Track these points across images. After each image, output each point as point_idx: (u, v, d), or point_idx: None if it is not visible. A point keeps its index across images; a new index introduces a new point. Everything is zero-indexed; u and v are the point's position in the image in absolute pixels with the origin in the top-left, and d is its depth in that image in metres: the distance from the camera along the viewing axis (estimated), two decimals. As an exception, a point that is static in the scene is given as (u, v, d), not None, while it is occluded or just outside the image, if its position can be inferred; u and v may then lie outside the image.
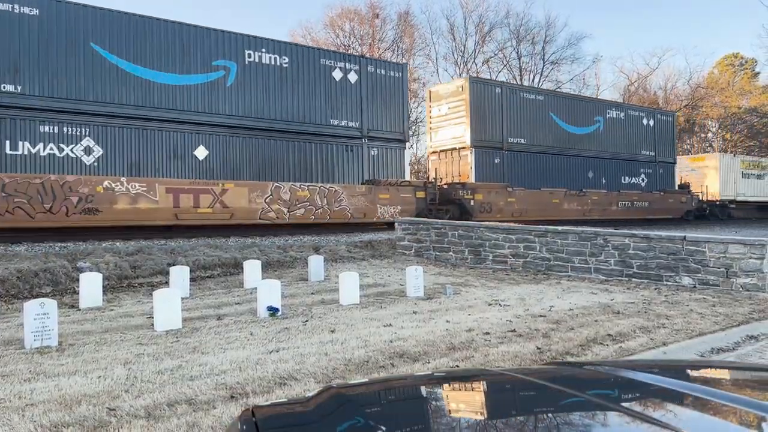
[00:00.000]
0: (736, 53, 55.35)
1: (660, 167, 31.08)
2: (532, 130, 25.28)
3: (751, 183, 36.77)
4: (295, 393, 4.56)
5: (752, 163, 37.91)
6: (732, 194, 35.34)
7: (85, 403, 4.31)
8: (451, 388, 1.88)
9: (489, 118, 23.99)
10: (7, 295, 9.44)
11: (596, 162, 27.71)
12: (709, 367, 2.46)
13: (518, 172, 24.63)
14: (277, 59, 18.40)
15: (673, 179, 31.80)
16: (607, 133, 28.40)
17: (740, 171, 36.26)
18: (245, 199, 16.73)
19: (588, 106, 28.32)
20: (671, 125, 32.54)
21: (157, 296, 7.00)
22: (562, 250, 12.68)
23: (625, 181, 29.18)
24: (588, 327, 7.12)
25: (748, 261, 10.27)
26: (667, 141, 31.89)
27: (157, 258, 11.89)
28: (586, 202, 25.98)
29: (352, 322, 7.36)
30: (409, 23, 42.53)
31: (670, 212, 29.77)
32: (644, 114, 30.90)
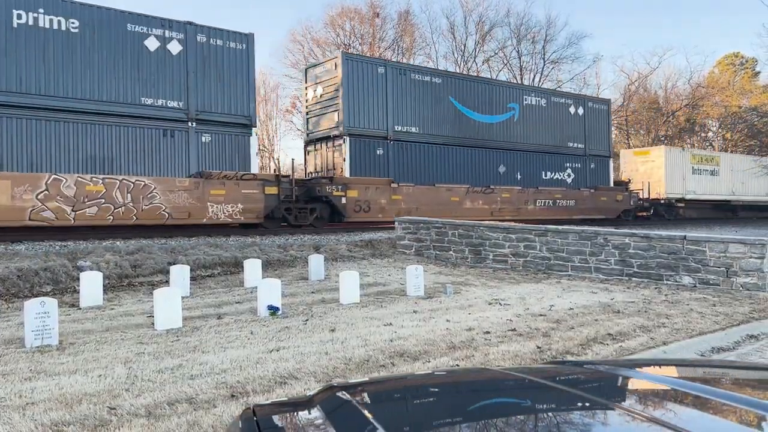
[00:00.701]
0: (737, 53, 55.35)
1: (592, 161, 27.26)
2: (428, 117, 21.73)
3: (703, 179, 32.97)
4: (296, 392, 4.57)
5: (704, 157, 34.17)
6: (680, 192, 31.55)
7: (86, 402, 4.32)
8: (451, 387, 1.88)
9: (370, 103, 20.44)
10: (8, 293, 9.45)
11: (509, 155, 24.11)
12: (709, 367, 2.46)
13: (409, 165, 21.09)
14: (61, 22, 14.82)
15: (608, 175, 27.98)
16: (523, 122, 24.67)
17: (690, 166, 32.53)
18: (6, 195, 13.53)
19: (499, 92, 24.44)
20: (605, 114, 28.46)
21: (158, 295, 7.00)
22: (563, 249, 12.68)
23: (547, 176, 25.40)
24: (588, 326, 7.12)
25: (748, 260, 10.27)
26: (600, 132, 27.88)
27: (157, 257, 11.89)
28: (494, 200, 22.72)
29: (353, 321, 7.37)
30: (410, 22, 42.53)
31: (602, 212, 26.40)
32: (571, 101, 26.99)
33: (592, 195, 26.57)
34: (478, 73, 43.49)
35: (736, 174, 34.71)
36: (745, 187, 35.34)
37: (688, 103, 48.65)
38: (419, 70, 22.67)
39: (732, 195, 34.68)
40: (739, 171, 34.94)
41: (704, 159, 33.83)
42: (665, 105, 49.47)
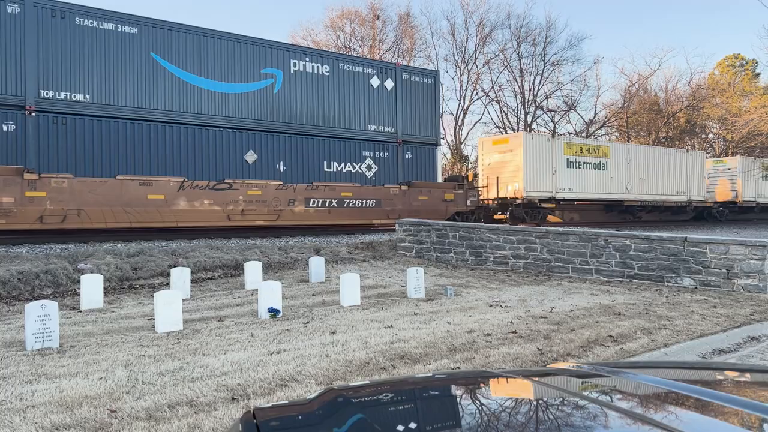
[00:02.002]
0: (737, 54, 55.37)
1: (407, 150, 20.83)
2: (109, 81, 15.37)
3: (584, 175, 26.42)
4: (296, 395, 4.57)
5: (585, 147, 27.16)
6: (549, 189, 25.01)
7: (87, 404, 4.32)
8: (452, 390, 1.88)
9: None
10: (9, 296, 9.45)
11: (265, 138, 17.70)
12: (710, 369, 2.46)
13: (72, 149, 14.67)
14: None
15: (434, 167, 21.81)
16: (289, 94, 18.28)
17: (564, 158, 25.70)
18: None
19: (246, 51, 17.63)
20: (431, 89, 21.77)
21: (158, 298, 7.00)
22: (563, 251, 12.68)
23: (331, 168, 19.03)
24: (589, 328, 7.12)
25: (749, 262, 10.27)
26: (423, 112, 21.35)
27: (158, 259, 11.89)
28: (233, 198, 16.55)
29: (353, 323, 7.36)
30: (410, 24, 42.55)
31: (421, 214, 19.81)
32: (374, 71, 20.40)
33: (404, 193, 20.16)
34: (478, 75, 43.51)
35: (634, 168, 28.62)
36: (647, 185, 29.32)
37: (689, 104, 48.65)
38: (94, 14, 15.31)
39: (627, 194, 28.30)
40: (641, 164, 28.98)
41: (585, 149, 27.01)
42: (666, 106, 49.46)
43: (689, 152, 33.10)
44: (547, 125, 46.02)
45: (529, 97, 44.97)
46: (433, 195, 21.06)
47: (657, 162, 29.97)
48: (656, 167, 29.81)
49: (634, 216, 29.70)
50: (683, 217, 32.12)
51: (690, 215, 32.37)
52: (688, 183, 31.52)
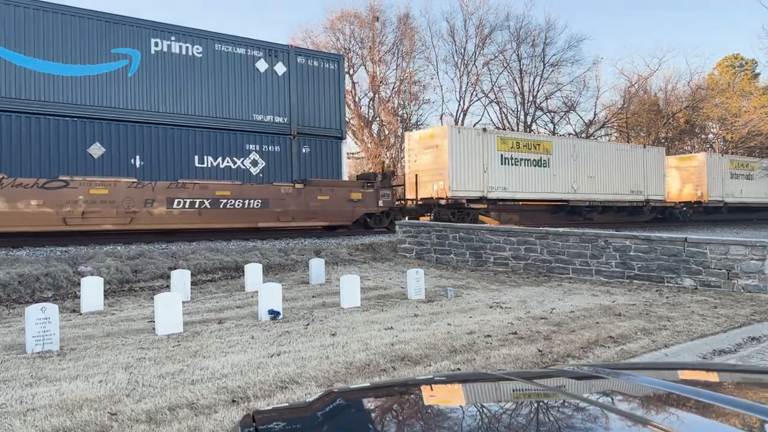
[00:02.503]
0: (737, 54, 55.37)
1: (305, 144, 18.33)
2: None
3: (521, 172, 23.94)
4: (297, 397, 4.56)
5: (522, 142, 24.25)
6: (479, 189, 22.58)
7: (87, 407, 4.31)
8: (452, 392, 1.88)
9: None
10: (9, 299, 9.44)
11: (117, 129, 15.16)
12: (710, 370, 2.45)
13: None
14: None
15: (339, 164, 19.43)
16: (149, 79, 15.77)
17: (497, 154, 23.20)
18: None
19: (91, 28, 14.99)
20: (334, 76, 19.42)
21: (159, 300, 7.00)
22: (563, 252, 12.68)
23: (205, 163, 16.44)
24: (589, 329, 7.11)
25: (749, 262, 10.26)
26: (325, 102, 19.02)
27: (158, 262, 11.89)
28: (71, 199, 14.01)
29: (354, 325, 7.36)
30: (409, 26, 42.51)
31: (319, 216, 17.89)
32: (261, 53, 17.91)
33: (299, 192, 17.49)
34: (477, 76, 43.52)
35: (582, 165, 26.16)
36: (597, 183, 26.77)
37: (688, 104, 48.66)
38: None
39: (573, 193, 25.68)
40: (590, 161, 26.61)
41: (523, 145, 24.34)
42: (665, 107, 49.46)
43: (646, 148, 30.74)
44: (547, 126, 46.06)
45: (529, 98, 44.98)
46: (336, 194, 18.40)
47: (609, 159, 27.60)
48: (609, 164, 27.41)
49: (584, 217, 26.76)
50: (641, 218, 29.67)
51: (649, 216, 30.03)
52: (645, 181, 29.14)
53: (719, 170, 33.07)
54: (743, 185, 34.57)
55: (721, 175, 33.09)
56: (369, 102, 42.31)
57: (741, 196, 34.32)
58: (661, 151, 31.87)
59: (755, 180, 34.96)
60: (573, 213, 26.51)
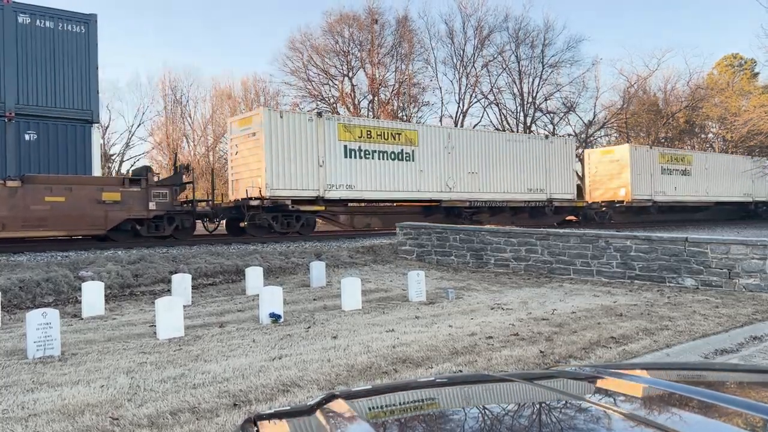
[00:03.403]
0: (736, 54, 55.38)
1: (30, 129, 14.81)
2: None
3: (374, 167, 19.75)
4: (298, 400, 4.56)
5: (379, 130, 20.05)
6: (314, 187, 18.35)
7: (88, 412, 4.31)
8: (454, 394, 1.87)
9: None
10: (10, 305, 9.44)
11: None
12: (712, 370, 2.45)
13: None
14: None
15: (88, 155, 15.87)
16: None
17: (339, 144, 19.02)
18: None
19: None
20: (82, 41, 15.99)
21: (159, 304, 7.00)
22: (564, 252, 12.67)
23: None
24: (591, 330, 7.10)
25: (750, 261, 10.25)
26: (64, 75, 15.58)
27: (158, 266, 11.88)
28: None
29: (355, 327, 7.35)
30: (408, 28, 42.54)
31: (48, 223, 13.76)
32: None
33: (11, 193, 13.31)
34: (477, 78, 43.51)
35: (459, 159, 22.06)
36: (482, 180, 22.74)
37: (688, 104, 48.65)
38: None
39: (448, 192, 21.70)
40: (472, 154, 22.51)
41: (377, 134, 19.92)
42: (665, 107, 49.45)
43: (549, 138, 26.37)
44: (547, 127, 46.06)
45: (528, 99, 44.99)
46: (78, 195, 13.99)
47: (499, 151, 23.31)
48: (497, 158, 23.18)
49: (469, 221, 22.04)
50: (546, 220, 24.83)
51: (553, 218, 25.46)
52: (549, 178, 24.82)
53: (647, 165, 28.68)
54: (678, 182, 30.29)
55: (650, 170, 28.66)
56: (369, 104, 42.36)
57: (675, 194, 30.02)
58: (570, 142, 27.82)
59: (693, 176, 31.08)
60: (453, 216, 22.07)
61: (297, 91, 42.54)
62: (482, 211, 23.13)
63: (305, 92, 42.26)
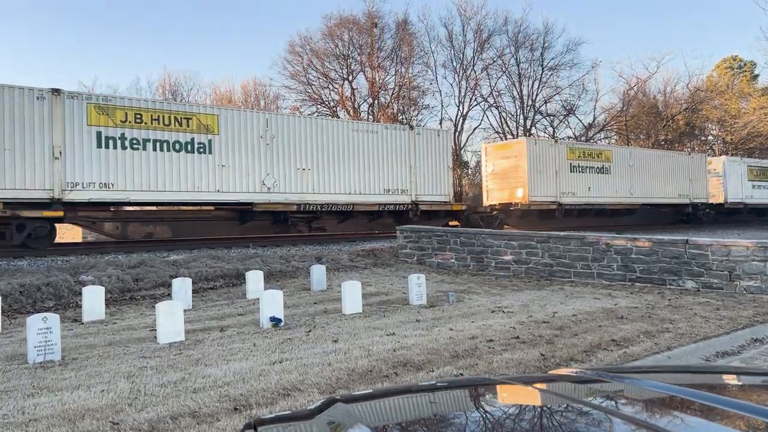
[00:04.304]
0: (735, 56, 55.45)
1: None
2: None
3: (154, 162, 15.80)
4: (299, 404, 4.55)
5: (155, 113, 15.95)
6: (45, 187, 14.28)
7: (89, 417, 4.30)
8: (455, 397, 1.87)
9: None
10: (10, 309, 9.43)
11: None
12: (714, 372, 2.45)
13: None
14: None
15: None
16: None
17: (91, 132, 14.96)
18: None
19: None
20: None
21: (160, 308, 6.99)
22: (565, 255, 12.66)
23: None
24: (592, 333, 7.09)
25: (751, 263, 10.25)
26: None
27: (159, 270, 11.88)
28: None
29: (355, 331, 7.35)
30: (407, 32, 42.59)
31: None
32: None
33: None
34: (476, 81, 43.55)
35: (282, 150, 17.97)
36: (316, 179, 18.58)
37: (688, 107, 48.70)
38: None
39: (264, 193, 17.57)
40: (300, 145, 18.35)
41: (151, 118, 15.84)
42: (664, 109, 49.49)
43: (416, 130, 21.43)
44: (547, 130, 46.09)
45: (528, 102, 45.04)
46: None
47: (343, 143, 19.28)
48: (342, 151, 19.20)
49: (308, 227, 19.34)
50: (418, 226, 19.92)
51: (431, 224, 20.62)
52: (414, 176, 20.71)
53: (551, 161, 24.62)
54: (594, 181, 26.11)
55: (555, 167, 24.64)
56: (369, 108, 42.39)
57: (589, 196, 25.80)
58: (444, 135, 22.76)
59: (613, 174, 26.90)
60: (280, 222, 18.63)
61: (297, 95, 42.61)
62: (322, 216, 19.35)
63: (305, 96, 42.33)
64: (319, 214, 19.12)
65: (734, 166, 33.71)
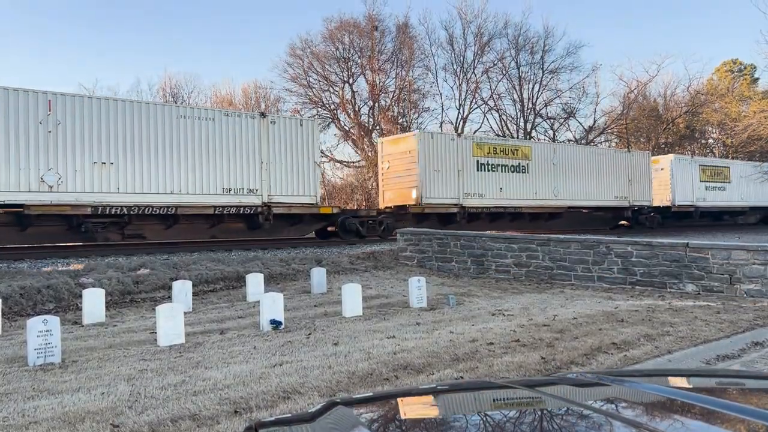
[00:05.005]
0: (735, 59, 55.50)
1: None
2: None
3: None
4: (299, 407, 4.55)
5: None
6: None
7: (89, 420, 4.30)
8: (455, 401, 1.87)
9: None
10: (11, 312, 9.43)
11: None
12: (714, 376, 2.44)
13: None
14: None
15: None
16: None
17: None
18: None
19: None
20: None
21: (160, 311, 6.99)
22: (565, 258, 12.65)
23: None
24: (592, 336, 7.09)
25: (751, 267, 10.24)
26: None
27: (159, 273, 11.88)
28: None
29: (356, 334, 7.34)
30: (408, 35, 42.61)
31: None
32: None
33: None
34: (477, 84, 43.59)
35: (57, 146, 14.42)
36: (116, 175, 15.19)
37: (688, 110, 48.73)
38: None
39: (44, 191, 14.22)
40: (94, 136, 14.94)
41: None
42: (665, 112, 49.53)
43: (270, 118, 18.01)
44: (547, 133, 46.10)
45: (529, 105, 45.05)
46: None
47: (165, 133, 15.94)
48: (162, 142, 15.89)
49: (121, 235, 15.90)
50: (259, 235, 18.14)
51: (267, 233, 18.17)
52: (268, 173, 17.43)
53: (452, 158, 21.49)
54: (507, 181, 23.07)
55: (458, 165, 21.58)
56: (369, 110, 42.41)
57: (500, 198, 22.79)
58: (309, 125, 18.86)
59: (532, 174, 23.80)
60: (74, 228, 15.05)
61: (297, 98, 42.61)
62: (132, 221, 15.82)
63: (306, 99, 42.35)
64: (127, 219, 15.58)
65: (684, 166, 30.74)
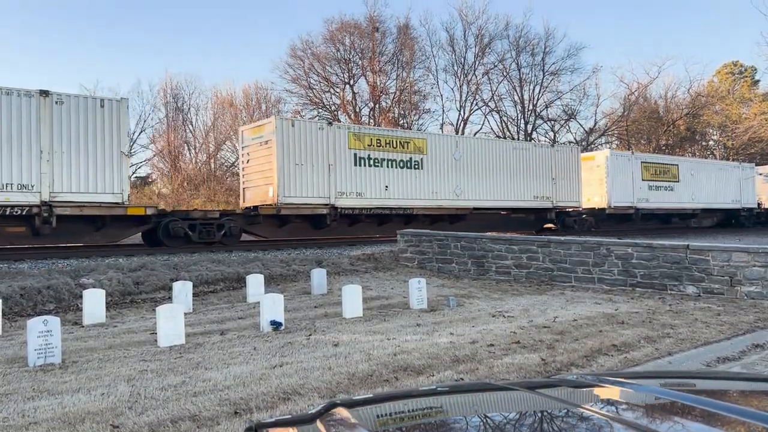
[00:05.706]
0: (736, 61, 55.52)
1: None
2: None
3: None
4: (299, 408, 4.55)
5: None
6: None
7: (89, 420, 4.30)
8: (455, 402, 1.87)
9: None
10: (11, 312, 9.43)
11: None
12: (714, 378, 2.44)
13: None
14: None
15: None
16: None
17: None
18: None
19: None
20: None
21: (160, 312, 6.99)
22: (565, 260, 12.65)
23: None
24: (592, 338, 7.08)
25: (752, 269, 10.24)
26: None
27: (159, 273, 11.88)
28: None
29: (356, 335, 7.34)
30: (409, 36, 42.69)
31: None
32: None
33: None
34: (477, 85, 43.60)
35: None
36: None
37: (689, 112, 48.74)
38: None
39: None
40: None
41: None
42: (665, 114, 49.55)
43: (53, 96, 14.10)
44: (547, 134, 46.13)
45: (529, 107, 45.10)
46: None
47: None
48: None
49: None
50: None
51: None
52: (50, 165, 14.01)
53: (322, 151, 18.54)
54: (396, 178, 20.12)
55: (330, 159, 18.65)
56: (370, 112, 42.45)
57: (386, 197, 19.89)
58: (114, 107, 14.91)
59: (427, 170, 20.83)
60: None
61: (298, 99, 42.67)
62: None
63: (306, 100, 42.40)
64: None
65: (623, 162, 27.21)
